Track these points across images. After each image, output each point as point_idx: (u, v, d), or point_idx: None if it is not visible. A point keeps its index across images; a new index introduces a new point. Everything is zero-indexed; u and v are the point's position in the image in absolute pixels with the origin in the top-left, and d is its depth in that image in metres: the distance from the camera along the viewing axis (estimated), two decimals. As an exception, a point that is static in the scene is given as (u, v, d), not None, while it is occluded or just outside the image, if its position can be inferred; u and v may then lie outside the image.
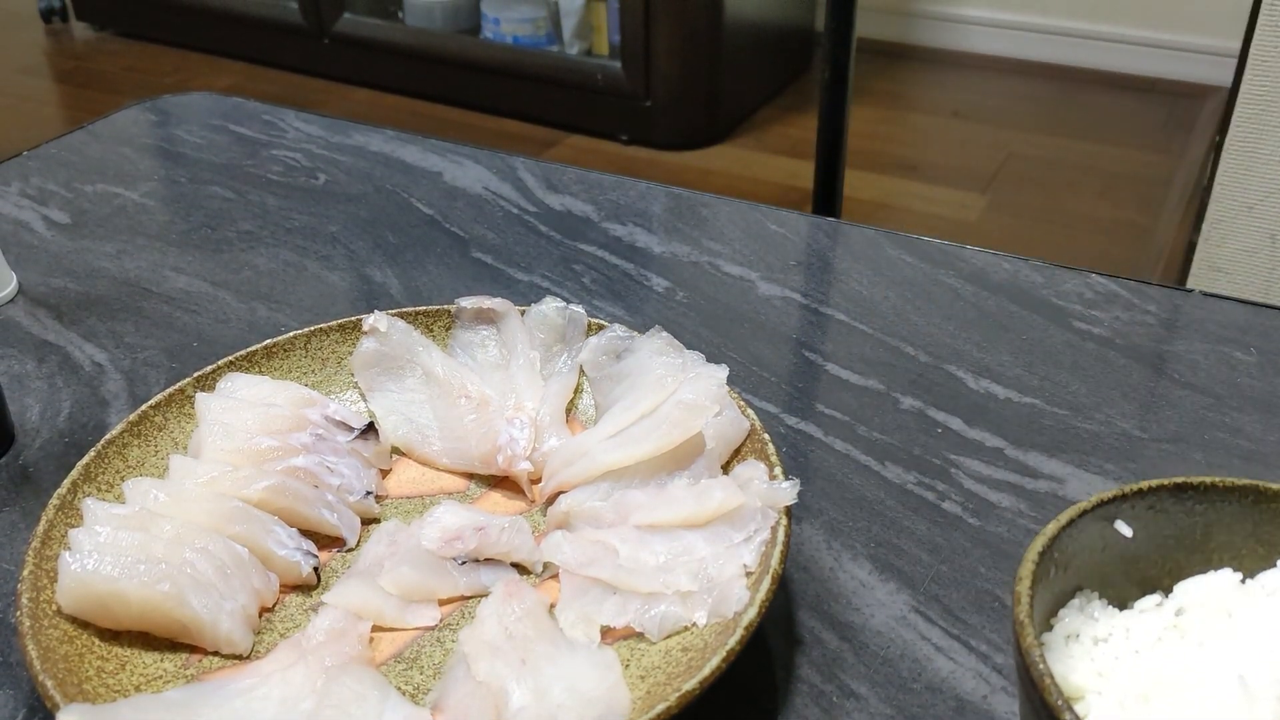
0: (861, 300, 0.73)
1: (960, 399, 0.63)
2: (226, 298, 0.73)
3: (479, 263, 0.78)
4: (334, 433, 0.55)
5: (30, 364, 0.67)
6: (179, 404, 0.56)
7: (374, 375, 0.59)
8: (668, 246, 0.80)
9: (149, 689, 0.44)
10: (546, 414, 0.57)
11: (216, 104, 1.02)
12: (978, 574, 0.52)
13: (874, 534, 0.54)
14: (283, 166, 0.91)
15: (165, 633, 0.46)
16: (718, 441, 0.53)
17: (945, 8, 2.95)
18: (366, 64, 2.83)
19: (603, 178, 0.89)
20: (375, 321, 0.59)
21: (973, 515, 0.55)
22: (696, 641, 0.45)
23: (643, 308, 0.73)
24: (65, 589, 0.45)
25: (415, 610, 0.48)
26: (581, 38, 2.63)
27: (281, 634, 0.48)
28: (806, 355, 0.68)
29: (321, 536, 0.52)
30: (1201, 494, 0.41)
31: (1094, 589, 0.41)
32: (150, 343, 0.69)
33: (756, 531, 0.48)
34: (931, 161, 2.50)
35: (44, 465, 0.59)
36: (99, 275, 0.76)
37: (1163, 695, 0.36)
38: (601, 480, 0.52)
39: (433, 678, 0.46)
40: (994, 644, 0.48)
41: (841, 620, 0.50)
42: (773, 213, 0.84)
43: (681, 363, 0.56)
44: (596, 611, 0.47)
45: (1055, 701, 0.34)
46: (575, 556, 0.49)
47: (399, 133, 0.96)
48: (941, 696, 0.46)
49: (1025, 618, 0.36)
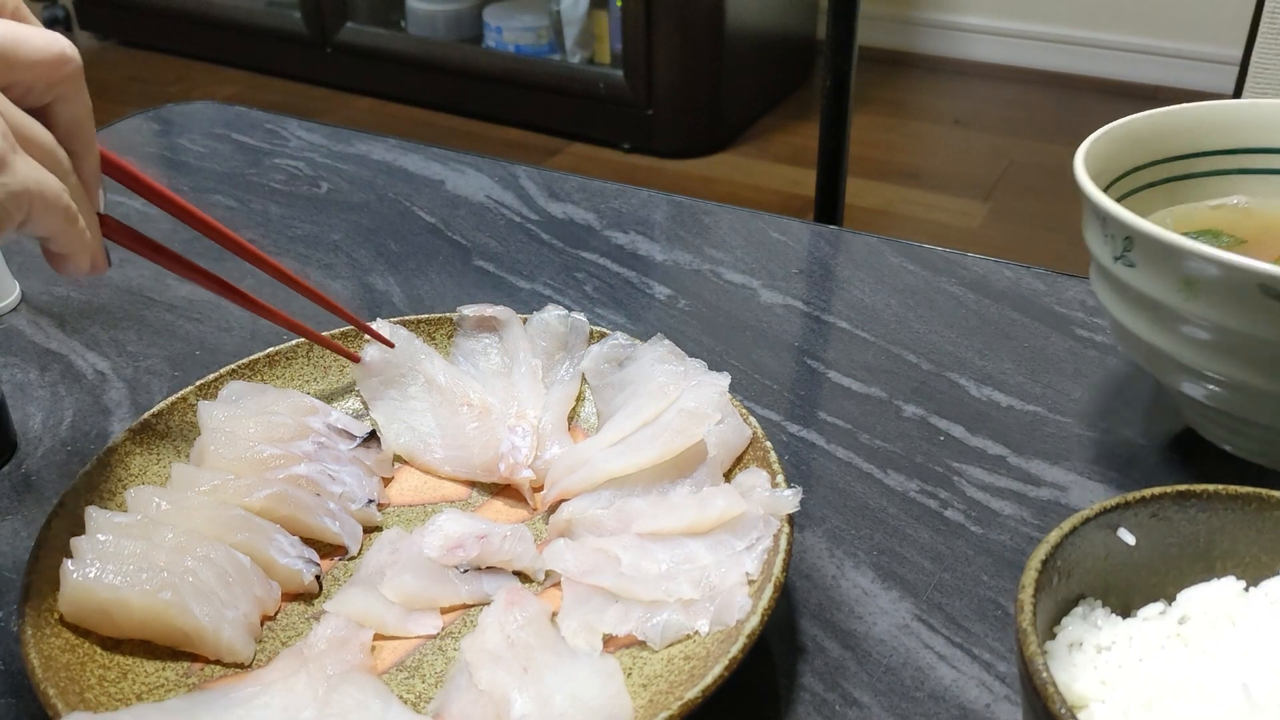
0: (863, 308, 0.73)
1: (962, 407, 0.63)
2: (228, 306, 0.73)
3: (481, 271, 0.78)
4: (336, 441, 0.55)
5: (33, 372, 0.67)
6: (181, 412, 0.56)
7: (376, 385, 0.59)
8: (670, 254, 0.80)
9: (150, 697, 0.44)
10: (548, 422, 0.57)
11: (219, 113, 1.03)
12: (980, 582, 0.52)
13: (876, 542, 0.54)
14: (285, 175, 0.91)
15: (167, 641, 0.46)
16: (720, 449, 0.53)
17: (946, 16, 2.95)
18: (369, 73, 2.83)
19: (605, 186, 0.89)
20: (379, 329, 0.59)
21: (975, 523, 0.55)
22: (699, 650, 0.45)
23: (645, 315, 0.73)
24: (67, 597, 0.45)
25: (417, 618, 0.48)
26: (583, 46, 2.64)
27: (283, 642, 0.48)
28: (808, 363, 0.68)
29: (323, 544, 0.52)
30: (1205, 502, 0.41)
31: (1097, 597, 0.41)
32: (153, 351, 0.69)
33: (759, 539, 0.48)
34: (933, 169, 2.50)
35: (46, 473, 0.59)
36: (102, 284, 0.76)
37: (1166, 703, 0.36)
38: (603, 488, 0.52)
39: (434, 686, 0.45)
40: (997, 652, 0.48)
41: (844, 628, 0.50)
42: (774, 220, 0.84)
43: (683, 370, 0.56)
44: (598, 620, 0.47)
45: (1058, 710, 0.34)
46: (577, 564, 0.49)
47: (401, 141, 0.96)
48: (944, 705, 0.46)
49: (1028, 626, 0.36)
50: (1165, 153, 0.61)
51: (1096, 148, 0.57)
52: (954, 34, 2.95)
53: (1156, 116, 0.61)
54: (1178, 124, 0.61)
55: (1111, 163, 0.59)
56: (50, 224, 0.39)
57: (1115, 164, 0.59)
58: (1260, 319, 0.47)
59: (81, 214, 0.41)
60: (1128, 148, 0.60)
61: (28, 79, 0.39)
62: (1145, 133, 0.61)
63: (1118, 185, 0.60)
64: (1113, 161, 0.59)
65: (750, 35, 2.59)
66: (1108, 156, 0.59)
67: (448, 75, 2.72)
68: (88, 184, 0.43)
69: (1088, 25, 2.80)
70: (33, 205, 0.38)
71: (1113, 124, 0.59)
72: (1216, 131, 0.62)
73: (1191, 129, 0.62)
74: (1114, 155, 0.59)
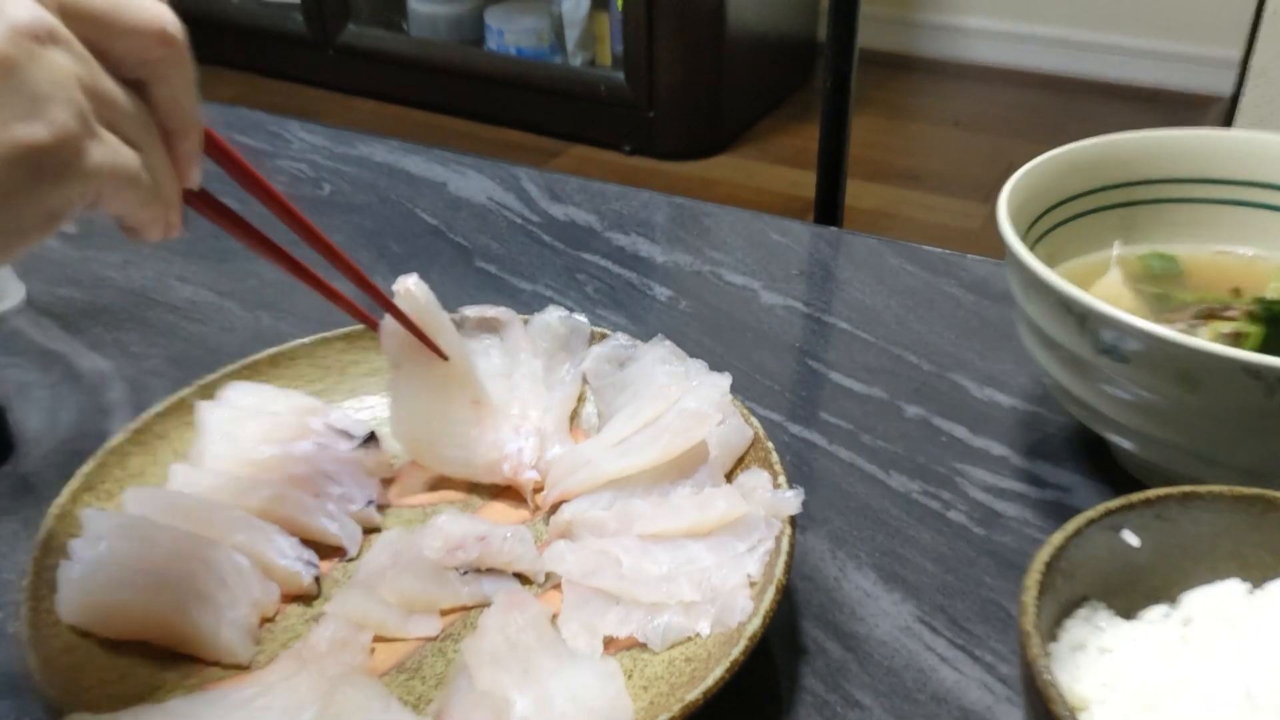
0: (864, 309, 0.73)
1: (964, 407, 0.63)
2: (231, 307, 0.73)
3: (482, 272, 0.78)
4: (335, 441, 0.55)
5: (34, 373, 0.67)
6: (180, 413, 0.56)
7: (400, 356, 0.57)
8: (670, 256, 0.80)
9: (150, 699, 0.44)
10: (550, 423, 0.57)
11: (221, 114, 1.03)
12: (983, 584, 0.52)
13: (879, 543, 0.54)
14: (287, 177, 0.91)
15: (166, 642, 0.46)
16: (721, 450, 0.52)
17: (947, 18, 2.95)
18: (371, 75, 2.83)
19: (606, 187, 0.89)
20: (408, 283, 0.56)
21: (978, 524, 0.55)
22: (700, 652, 0.45)
23: (645, 317, 0.73)
24: (66, 599, 0.45)
25: (417, 620, 0.48)
26: (584, 48, 2.64)
27: (283, 644, 0.47)
28: (809, 364, 0.68)
29: (323, 546, 0.52)
30: (1209, 503, 0.41)
31: (1100, 599, 0.41)
32: (155, 352, 0.69)
33: (760, 541, 0.48)
34: (933, 171, 2.50)
35: (45, 474, 0.59)
36: (105, 285, 0.76)
37: (1169, 706, 0.36)
38: (604, 489, 0.52)
39: (434, 688, 0.45)
40: (999, 654, 0.48)
41: (846, 630, 0.49)
42: (775, 222, 0.84)
43: (684, 371, 0.55)
44: (599, 621, 0.46)
45: (1061, 712, 0.34)
46: (578, 566, 0.49)
47: (403, 143, 0.96)
48: (946, 707, 0.46)
49: (1031, 628, 0.36)
50: (1115, 179, 0.61)
51: (1023, 183, 0.57)
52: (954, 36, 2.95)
53: (1105, 145, 0.60)
54: (1126, 152, 0.61)
55: (1044, 195, 0.58)
56: (122, 204, 0.38)
57: (1050, 194, 0.59)
58: (1171, 388, 0.46)
59: (163, 192, 0.40)
60: (1059, 180, 0.59)
61: (123, 49, 0.37)
62: (1086, 161, 0.60)
63: (1062, 208, 0.59)
64: (1041, 196, 0.58)
65: (751, 37, 2.59)
66: (1043, 189, 0.58)
67: (449, 77, 2.72)
68: (181, 164, 0.41)
69: (1088, 27, 2.79)
70: (103, 187, 0.36)
71: (1050, 153, 0.58)
72: (1186, 159, 0.61)
73: (1158, 156, 0.61)
74: (1045, 188, 0.58)
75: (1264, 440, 0.46)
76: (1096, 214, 0.61)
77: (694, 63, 2.47)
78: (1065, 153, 0.59)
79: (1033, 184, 0.57)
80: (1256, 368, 0.43)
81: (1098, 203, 0.61)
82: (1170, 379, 0.46)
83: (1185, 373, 0.45)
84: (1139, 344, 0.46)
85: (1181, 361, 0.45)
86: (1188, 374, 0.45)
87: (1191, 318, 0.55)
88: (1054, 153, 0.58)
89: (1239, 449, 0.47)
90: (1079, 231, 0.60)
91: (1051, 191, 0.59)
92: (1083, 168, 0.60)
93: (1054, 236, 0.59)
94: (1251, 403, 0.44)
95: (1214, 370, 0.45)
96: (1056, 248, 0.59)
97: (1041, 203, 0.58)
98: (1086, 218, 0.60)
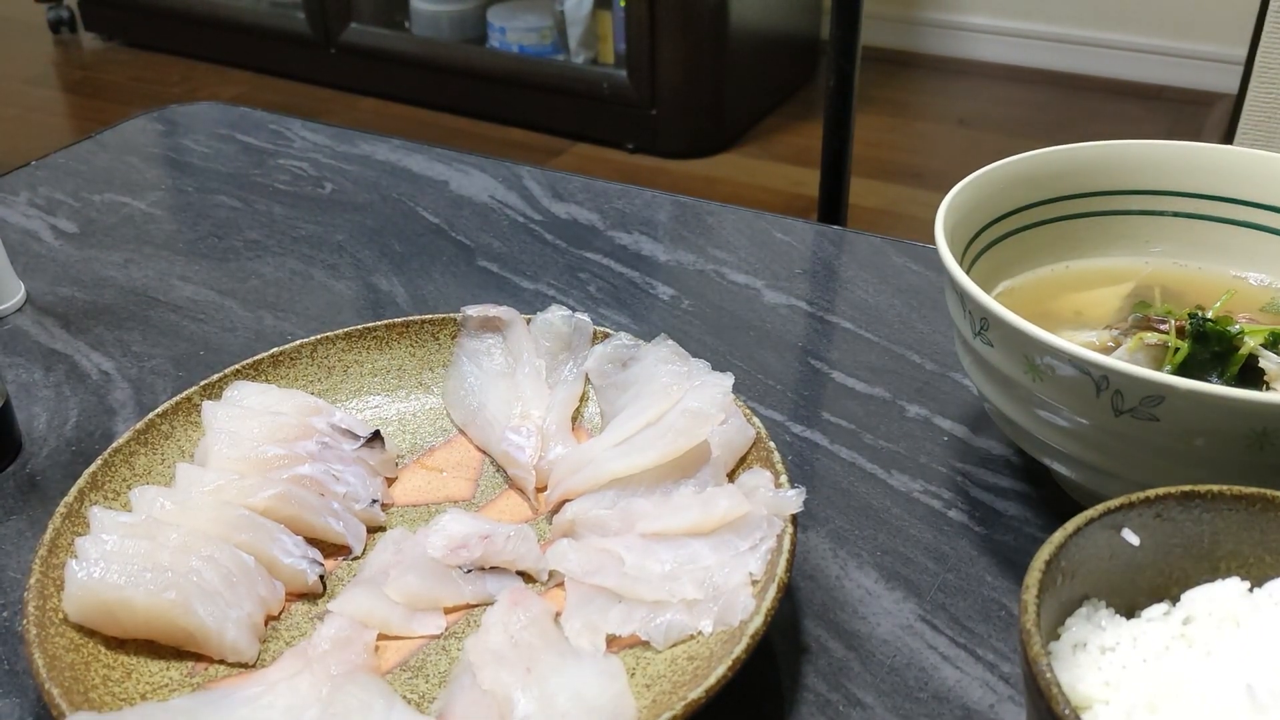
0: (867, 308, 0.73)
1: (966, 407, 0.63)
2: (233, 306, 0.74)
3: (485, 271, 0.78)
4: (340, 441, 0.55)
5: (38, 373, 0.67)
6: (185, 412, 0.56)
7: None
8: (673, 255, 0.80)
9: (155, 697, 0.44)
10: (552, 422, 0.57)
11: (223, 113, 1.03)
12: (984, 582, 0.52)
13: (880, 542, 0.54)
14: (289, 176, 0.91)
15: (171, 641, 0.46)
16: (723, 449, 0.52)
17: (950, 16, 2.95)
18: (373, 73, 2.84)
19: (608, 186, 0.89)
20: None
21: (979, 523, 0.55)
22: (702, 650, 0.45)
23: (648, 316, 0.73)
24: (71, 597, 0.45)
25: (420, 618, 0.48)
26: (587, 47, 2.64)
27: (287, 642, 0.48)
28: (812, 363, 0.68)
29: (327, 545, 0.52)
30: (1209, 502, 0.41)
31: (1101, 598, 0.41)
32: (157, 351, 0.69)
33: (762, 540, 0.48)
34: (937, 169, 2.50)
35: (51, 474, 0.59)
36: (106, 284, 0.76)
37: (1170, 704, 0.36)
38: (607, 488, 0.52)
39: (438, 686, 0.46)
40: (1001, 653, 0.48)
41: (847, 629, 0.49)
42: (778, 221, 0.84)
43: (687, 371, 0.56)
44: (602, 620, 0.47)
45: (1063, 711, 0.34)
46: (580, 565, 0.49)
47: (405, 142, 0.96)
48: (948, 705, 0.46)
49: (1032, 626, 0.36)
50: (1058, 192, 0.61)
51: (960, 197, 0.57)
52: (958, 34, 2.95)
53: (1052, 155, 0.60)
54: (1073, 163, 0.60)
55: (984, 209, 0.58)
56: None
57: (991, 209, 0.59)
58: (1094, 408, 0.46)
59: None
60: (1000, 193, 0.59)
61: None
62: (1028, 173, 0.60)
63: (1004, 222, 0.59)
64: (982, 210, 0.58)
65: (754, 35, 2.59)
66: (982, 203, 0.58)
67: (452, 76, 2.72)
68: None
69: (1092, 25, 2.79)
70: None
71: (992, 165, 0.58)
72: (1129, 171, 0.61)
73: (1103, 168, 0.61)
74: (985, 203, 0.58)
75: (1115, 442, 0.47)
76: (1038, 228, 0.61)
77: (697, 61, 2.47)
78: (1002, 166, 0.59)
79: (970, 199, 0.57)
80: (1084, 363, 0.45)
81: (1041, 216, 0.60)
82: (1019, 365, 0.48)
83: (1028, 360, 0.47)
84: (1000, 331, 0.48)
85: (1024, 348, 0.47)
86: (1030, 362, 0.47)
87: (1129, 328, 0.55)
88: (992, 166, 0.58)
89: (1091, 453, 0.48)
90: (1027, 246, 0.60)
91: (991, 206, 0.59)
92: (1024, 180, 0.59)
93: (1000, 249, 0.59)
94: (1096, 406, 0.46)
95: (1057, 367, 0.46)
96: (1002, 262, 0.60)
97: (982, 217, 0.58)
98: (1032, 230, 0.60)
